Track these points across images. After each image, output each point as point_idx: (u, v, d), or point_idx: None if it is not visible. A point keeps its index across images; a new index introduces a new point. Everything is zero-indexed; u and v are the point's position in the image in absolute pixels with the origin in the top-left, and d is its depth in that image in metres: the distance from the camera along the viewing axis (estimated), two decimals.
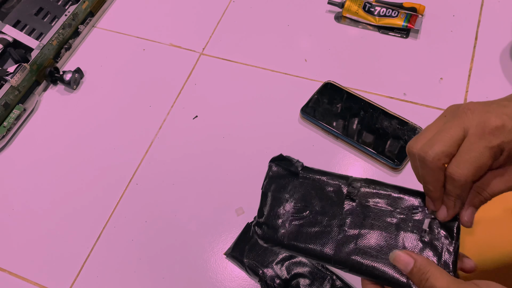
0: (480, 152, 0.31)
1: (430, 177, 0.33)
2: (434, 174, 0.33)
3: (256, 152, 0.64)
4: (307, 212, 0.37)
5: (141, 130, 0.69)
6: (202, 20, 0.80)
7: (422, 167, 0.34)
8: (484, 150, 0.31)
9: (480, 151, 0.31)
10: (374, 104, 0.64)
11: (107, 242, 0.60)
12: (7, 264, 0.60)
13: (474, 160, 0.31)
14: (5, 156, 0.69)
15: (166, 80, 0.73)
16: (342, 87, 0.66)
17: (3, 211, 0.64)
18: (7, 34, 0.76)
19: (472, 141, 0.31)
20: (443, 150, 0.32)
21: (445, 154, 0.32)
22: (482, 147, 0.31)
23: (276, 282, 0.52)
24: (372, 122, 0.62)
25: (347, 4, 0.74)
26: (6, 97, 0.70)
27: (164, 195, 0.62)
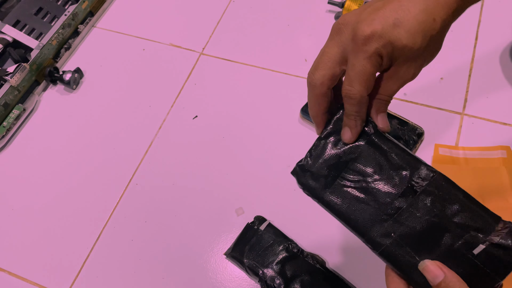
0: (362, 65, 0.31)
1: (314, 102, 0.35)
2: (317, 99, 0.35)
3: (256, 152, 0.64)
4: (359, 178, 0.35)
5: (141, 130, 0.69)
6: (202, 20, 0.80)
7: (309, 93, 0.35)
8: (364, 61, 0.31)
9: (361, 63, 0.31)
10: None
11: (107, 242, 0.60)
12: (7, 264, 0.60)
13: (360, 74, 0.32)
14: (5, 156, 0.69)
15: (166, 80, 0.73)
16: None
17: (3, 211, 0.64)
18: (7, 34, 0.76)
19: (352, 56, 0.32)
20: (324, 73, 0.33)
21: (327, 78, 0.33)
22: (361, 59, 0.31)
23: (276, 282, 0.52)
24: None
25: (347, 4, 0.74)
26: (6, 97, 0.70)
27: (164, 195, 0.62)
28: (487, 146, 0.59)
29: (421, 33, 0.31)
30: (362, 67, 0.32)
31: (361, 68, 0.32)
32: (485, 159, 0.58)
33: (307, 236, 0.56)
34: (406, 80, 0.33)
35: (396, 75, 0.33)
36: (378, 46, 0.31)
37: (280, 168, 0.62)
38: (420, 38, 0.31)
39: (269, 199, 0.60)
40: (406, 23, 0.31)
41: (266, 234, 0.55)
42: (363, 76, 0.32)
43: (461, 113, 0.64)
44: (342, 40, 0.33)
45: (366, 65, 0.31)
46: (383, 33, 0.31)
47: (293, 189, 0.60)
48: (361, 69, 0.32)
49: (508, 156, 0.58)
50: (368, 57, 0.31)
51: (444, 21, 0.32)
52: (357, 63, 0.32)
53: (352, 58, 0.32)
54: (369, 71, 0.32)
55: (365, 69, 0.32)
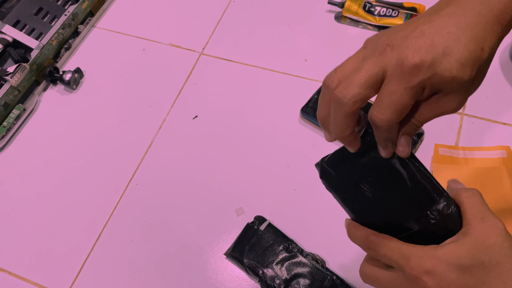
0: (400, 94, 0.29)
1: (341, 120, 0.32)
2: (346, 118, 0.32)
3: (256, 152, 0.64)
4: (380, 189, 0.34)
5: (141, 130, 0.69)
6: (202, 20, 0.80)
7: (336, 108, 0.32)
8: (404, 91, 0.29)
9: (400, 93, 0.29)
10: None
11: (107, 242, 0.60)
12: (7, 264, 0.60)
13: (395, 104, 0.30)
14: (5, 156, 0.69)
15: (166, 80, 0.73)
16: None
17: (3, 211, 0.64)
18: (7, 34, 0.76)
19: (392, 83, 0.30)
20: (360, 92, 0.30)
21: (361, 97, 0.31)
22: (402, 89, 0.29)
23: (276, 282, 0.52)
24: None
25: (347, 4, 0.74)
26: (6, 97, 0.70)
27: (164, 195, 0.62)
28: (487, 146, 0.59)
29: (471, 64, 0.29)
30: (400, 96, 0.29)
31: (399, 97, 0.29)
32: (485, 159, 0.58)
33: (307, 236, 0.56)
34: (446, 112, 0.32)
35: (437, 104, 0.31)
36: (424, 77, 0.29)
37: (280, 168, 0.62)
38: (470, 69, 0.29)
39: (269, 199, 0.60)
40: (456, 53, 0.29)
41: (266, 234, 0.55)
42: (398, 105, 0.30)
43: (461, 113, 0.64)
44: (385, 62, 0.30)
45: (405, 95, 0.29)
46: (432, 63, 0.29)
47: (293, 189, 0.60)
48: (398, 98, 0.29)
49: (508, 156, 0.58)
50: (410, 88, 0.29)
51: (492, 49, 0.30)
52: (396, 91, 0.29)
53: (392, 84, 0.30)
54: (406, 102, 0.30)
55: (402, 100, 0.29)
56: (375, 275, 0.33)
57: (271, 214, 0.58)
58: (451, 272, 0.29)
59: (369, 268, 0.34)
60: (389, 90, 0.30)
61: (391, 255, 0.31)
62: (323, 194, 0.60)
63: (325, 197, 0.59)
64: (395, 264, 0.31)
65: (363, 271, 0.34)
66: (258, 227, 0.56)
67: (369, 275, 0.34)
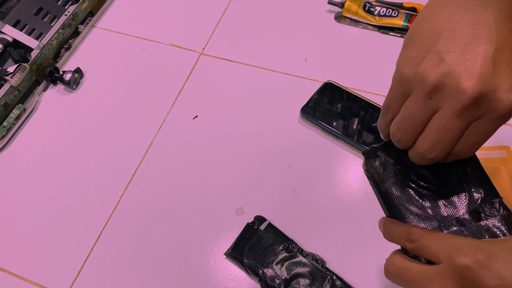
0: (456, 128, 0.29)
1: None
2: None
3: (256, 152, 0.64)
4: (427, 184, 0.34)
5: (141, 130, 0.69)
6: (202, 20, 0.80)
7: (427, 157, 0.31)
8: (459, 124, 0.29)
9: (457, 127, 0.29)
10: (374, 104, 0.64)
11: (107, 242, 0.60)
12: (7, 264, 0.60)
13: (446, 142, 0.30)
14: (5, 156, 0.69)
15: (166, 80, 0.73)
16: (342, 87, 0.66)
17: (3, 211, 0.64)
18: (7, 34, 0.76)
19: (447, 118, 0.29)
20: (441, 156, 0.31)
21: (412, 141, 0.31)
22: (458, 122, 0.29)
23: (276, 282, 0.52)
24: (372, 122, 0.62)
25: (347, 4, 0.74)
26: (6, 97, 0.70)
27: (164, 195, 0.62)
28: (487, 146, 0.59)
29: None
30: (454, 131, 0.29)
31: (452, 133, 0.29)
32: (485, 159, 0.58)
33: (307, 236, 0.56)
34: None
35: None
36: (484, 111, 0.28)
37: (280, 168, 0.62)
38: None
39: (269, 199, 0.60)
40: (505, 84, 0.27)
41: (266, 234, 0.55)
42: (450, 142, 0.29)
43: None
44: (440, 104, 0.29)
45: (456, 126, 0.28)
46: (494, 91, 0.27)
47: (293, 189, 0.60)
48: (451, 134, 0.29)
49: (508, 156, 0.58)
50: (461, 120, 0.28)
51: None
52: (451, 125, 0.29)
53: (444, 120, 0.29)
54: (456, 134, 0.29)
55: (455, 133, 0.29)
56: (407, 267, 0.30)
57: (271, 214, 0.58)
58: (506, 267, 0.26)
59: (402, 260, 0.31)
60: (442, 125, 0.29)
61: (438, 245, 0.29)
62: (323, 194, 0.60)
63: (325, 197, 0.60)
64: (442, 254, 0.28)
65: (393, 263, 0.31)
66: (258, 227, 0.56)
67: (400, 267, 0.31)
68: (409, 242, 0.31)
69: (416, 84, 0.30)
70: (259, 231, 0.56)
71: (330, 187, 0.60)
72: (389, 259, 0.32)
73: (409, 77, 0.30)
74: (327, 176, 0.61)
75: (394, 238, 0.32)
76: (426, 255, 0.30)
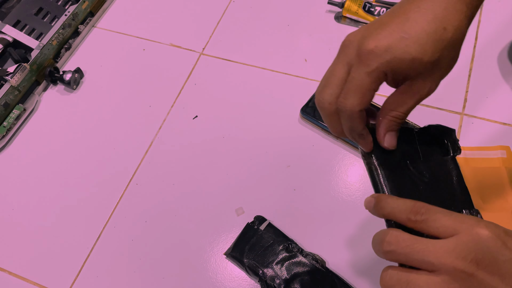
0: (360, 79, 0.30)
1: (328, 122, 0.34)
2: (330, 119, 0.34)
3: (256, 152, 0.64)
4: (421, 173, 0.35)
5: (141, 130, 0.69)
6: (202, 20, 0.80)
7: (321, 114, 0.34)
8: (364, 76, 0.30)
9: (361, 77, 0.30)
10: (374, 103, 0.64)
11: (107, 242, 0.60)
12: (7, 264, 0.60)
13: (356, 88, 0.31)
14: (5, 156, 0.69)
15: (166, 80, 0.73)
16: None
17: (3, 211, 0.64)
18: (7, 34, 0.76)
19: (353, 70, 0.31)
20: (331, 92, 0.32)
21: (334, 96, 0.32)
22: (362, 73, 0.30)
23: (276, 282, 0.52)
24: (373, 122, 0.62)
25: (347, 4, 0.74)
26: (6, 97, 0.70)
27: (164, 195, 0.62)
28: (487, 146, 0.59)
29: (431, 44, 0.29)
30: (361, 81, 0.30)
31: (359, 82, 0.30)
32: (485, 159, 0.58)
33: (307, 236, 0.56)
34: (421, 96, 0.32)
35: (411, 90, 0.32)
36: (383, 61, 0.30)
37: (280, 168, 0.62)
38: (431, 49, 0.29)
39: (269, 199, 0.60)
40: (414, 35, 0.29)
41: (266, 234, 0.55)
42: (360, 89, 0.31)
43: (461, 113, 0.64)
44: (347, 57, 0.32)
45: (365, 79, 0.30)
46: (389, 47, 0.29)
47: (293, 189, 0.61)
48: (359, 83, 0.31)
49: (508, 156, 0.58)
50: (369, 72, 0.30)
51: (457, 28, 0.30)
52: (356, 76, 0.31)
53: (353, 71, 0.31)
54: (367, 86, 0.30)
55: (363, 83, 0.31)
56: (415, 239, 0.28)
57: (271, 214, 0.58)
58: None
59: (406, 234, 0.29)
60: (351, 77, 0.31)
61: (451, 219, 0.28)
62: (323, 194, 0.60)
63: (325, 197, 0.60)
64: (458, 226, 0.28)
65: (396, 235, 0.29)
66: (258, 227, 0.56)
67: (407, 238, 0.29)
68: (415, 214, 0.29)
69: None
70: (259, 231, 0.56)
71: (330, 187, 0.60)
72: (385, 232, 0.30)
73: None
74: (327, 176, 0.61)
75: (395, 210, 0.31)
76: (436, 228, 0.28)
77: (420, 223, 0.29)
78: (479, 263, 0.26)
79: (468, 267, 0.26)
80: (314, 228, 0.57)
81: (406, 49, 0.29)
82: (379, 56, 0.30)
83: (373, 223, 0.56)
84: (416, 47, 0.29)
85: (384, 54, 0.29)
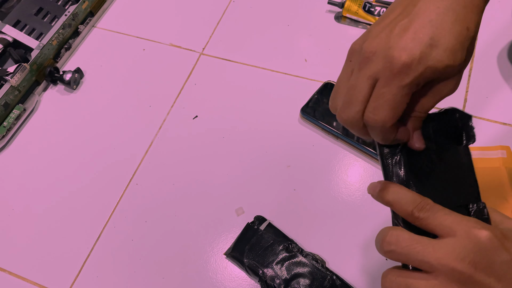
0: (393, 94, 0.29)
1: (360, 135, 0.33)
2: (361, 133, 0.32)
3: (256, 152, 0.64)
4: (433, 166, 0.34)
5: (141, 130, 0.69)
6: (202, 20, 0.80)
7: (352, 130, 0.33)
8: (397, 90, 0.29)
9: (394, 92, 0.29)
10: None
11: (107, 242, 0.60)
12: (7, 264, 0.60)
13: (389, 104, 0.29)
14: (5, 156, 0.69)
15: (166, 80, 0.73)
16: None
17: (3, 211, 0.64)
18: (7, 34, 0.76)
19: (383, 84, 0.29)
20: (358, 110, 0.31)
21: (361, 114, 0.31)
22: (394, 88, 0.29)
23: (276, 282, 0.52)
24: None
25: (347, 4, 0.74)
26: (6, 97, 0.70)
27: (164, 195, 0.62)
28: (487, 146, 0.59)
29: (460, 48, 0.28)
30: (393, 96, 0.29)
31: (392, 97, 0.29)
32: (485, 159, 0.58)
33: (307, 236, 0.56)
34: (444, 95, 0.31)
35: (434, 92, 0.31)
36: (417, 74, 0.28)
37: (280, 168, 0.62)
38: (460, 53, 0.28)
39: (269, 199, 0.60)
40: (443, 41, 0.28)
41: (266, 234, 0.55)
42: (393, 104, 0.29)
43: None
44: (372, 70, 0.30)
45: (398, 93, 0.29)
46: (422, 57, 0.28)
47: (293, 189, 0.61)
48: (391, 97, 0.29)
49: (508, 156, 0.58)
50: (403, 86, 0.29)
51: (477, 25, 0.29)
52: (388, 91, 0.29)
53: (382, 85, 0.29)
54: (400, 100, 0.29)
55: (396, 98, 0.29)
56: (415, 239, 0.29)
57: (271, 214, 0.58)
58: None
59: (407, 233, 0.29)
60: (381, 92, 0.29)
61: (452, 219, 0.28)
62: (323, 194, 0.60)
63: (325, 197, 0.60)
64: (458, 227, 0.28)
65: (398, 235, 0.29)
66: (258, 227, 0.56)
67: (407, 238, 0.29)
68: (419, 210, 0.30)
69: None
70: (259, 231, 0.56)
71: (330, 187, 0.60)
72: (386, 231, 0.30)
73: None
74: (327, 176, 0.61)
75: (401, 201, 0.31)
76: (437, 226, 0.29)
77: (421, 220, 0.30)
78: (476, 265, 0.27)
79: (466, 268, 0.27)
80: (314, 228, 0.57)
81: (439, 58, 0.28)
82: (413, 69, 0.28)
83: (373, 223, 0.56)
84: (448, 54, 0.28)
85: (417, 66, 0.28)
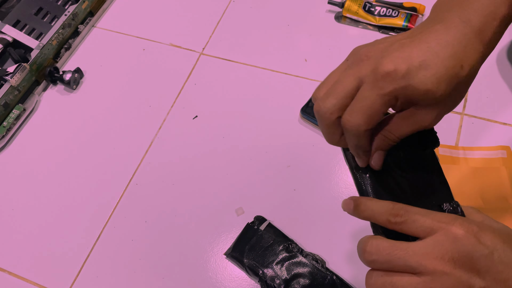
0: (372, 100, 0.29)
1: (326, 131, 0.33)
2: (328, 127, 0.33)
3: (256, 152, 0.64)
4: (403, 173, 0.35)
5: (141, 130, 0.69)
6: (202, 20, 0.80)
7: (319, 122, 0.33)
8: (376, 98, 0.29)
9: (372, 99, 0.29)
10: None
11: (107, 242, 0.60)
12: (7, 264, 0.60)
13: (365, 109, 0.30)
14: (5, 156, 0.69)
15: (166, 80, 0.73)
16: None
17: (3, 211, 0.64)
18: (7, 34, 0.76)
19: (365, 89, 0.30)
20: (335, 103, 0.31)
21: (337, 107, 0.31)
22: (374, 95, 0.29)
23: (276, 282, 0.52)
24: None
25: (347, 4, 0.74)
26: (6, 97, 0.70)
27: (164, 195, 0.62)
28: (487, 146, 0.59)
29: (446, 80, 0.29)
30: (371, 102, 0.29)
31: (369, 103, 0.30)
32: (485, 159, 0.58)
33: (307, 236, 0.56)
34: (422, 126, 0.32)
35: (412, 118, 0.31)
36: (397, 86, 0.29)
37: (280, 168, 0.62)
38: (445, 85, 0.29)
39: (269, 199, 0.60)
40: (433, 67, 0.29)
41: (266, 234, 0.55)
42: (369, 110, 0.30)
43: (461, 113, 0.64)
44: (361, 72, 0.30)
45: (376, 101, 0.29)
46: (407, 73, 0.29)
47: (293, 189, 0.60)
48: (369, 103, 0.30)
49: (508, 156, 0.58)
50: (382, 95, 0.29)
51: (473, 67, 0.30)
52: (367, 96, 0.30)
53: (365, 90, 0.30)
54: (377, 108, 0.30)
55: (373, 105, 0.30)
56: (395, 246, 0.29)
57: (271, 214, 0.58)
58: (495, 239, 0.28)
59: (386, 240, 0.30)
60: (362, 95, 0.30)
61: (428, 219, 0.29)
62: (323, 194, 0.60)
63: (325, 197, 0.60)
64: (435, 225, 0.29)
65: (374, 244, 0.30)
66: (258, 227, 0.56)
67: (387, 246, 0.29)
68: (394, 216, 0.30)
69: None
70: (259, 231, 0.56)
71: (330, 187, 0.60)
72: (366, 241, 0.30)
73: None
74: (327, 176, 0.61)
75: (374, 213, 0.31)
76: (415, 228, 0.29)
77: (399, 225, 0.30)
78: (455, 262, 0.27)
79: (446, 266, 0.27)
80: (314, 228, 0.57)
81: (423, 80, 0.29)
82: (395, 81, 0.29)
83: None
84: (433, 80, 0.29)
85: (400, 79, 0.29)
